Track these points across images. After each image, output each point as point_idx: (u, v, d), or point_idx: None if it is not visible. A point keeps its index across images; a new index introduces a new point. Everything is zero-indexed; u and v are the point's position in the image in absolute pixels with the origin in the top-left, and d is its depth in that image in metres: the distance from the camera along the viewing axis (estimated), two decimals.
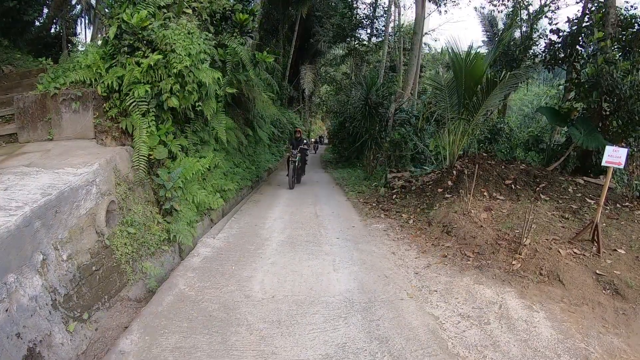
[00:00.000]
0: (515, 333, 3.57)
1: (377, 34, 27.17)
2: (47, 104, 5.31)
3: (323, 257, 5.53)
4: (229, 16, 7.27)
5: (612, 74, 7.18)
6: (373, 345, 3.34)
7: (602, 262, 4.66)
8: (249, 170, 10.86)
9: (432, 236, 6.21)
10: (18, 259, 2.96)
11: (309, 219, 7.72)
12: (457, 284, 4.57)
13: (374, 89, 14.98)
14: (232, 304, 4.05)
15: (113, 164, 4.68)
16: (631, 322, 3.75)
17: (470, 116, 8.48)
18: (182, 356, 3.12)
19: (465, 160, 8.78)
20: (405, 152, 12.80)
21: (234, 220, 7.47)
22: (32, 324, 2.90)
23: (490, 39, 23.55)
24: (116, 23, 5.35)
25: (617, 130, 7.81)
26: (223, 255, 5.48)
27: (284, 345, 3.32)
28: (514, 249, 5.08)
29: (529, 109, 34.17)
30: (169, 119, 5.74)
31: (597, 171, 8.58)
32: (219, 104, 7.02)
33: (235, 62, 7.27)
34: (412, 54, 15.86)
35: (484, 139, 12.20)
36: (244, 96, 9.54)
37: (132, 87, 5.19)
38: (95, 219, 4.06)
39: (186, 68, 5.31)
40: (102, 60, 5.56)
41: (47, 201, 3.40)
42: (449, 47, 8.49)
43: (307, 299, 4.21)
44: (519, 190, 7.21)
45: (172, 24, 5.60)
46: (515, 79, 8.75)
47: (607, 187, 5.05)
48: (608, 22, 8.29)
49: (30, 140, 5.34)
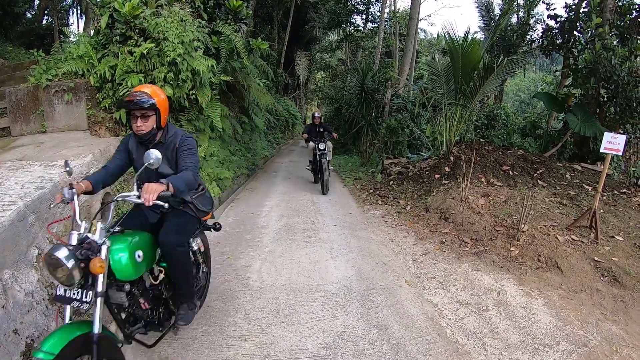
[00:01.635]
0: (514, 320, 3.59)
1: (372, 19, 26.95)
2: (39, 96, 5.25)
3: (320, 245, 5.52)
4: (223, 3, 7.16)
5: (609, 61, 7.13)
6: (372, 333, 3.35)
7: (600, 249, 4.67)
8: (245, 158, 10.79)
9: (429, 223, 6.21)
10: (13, 255, 2.93)
11: (306, 207, 7.70)
12: (456, 271, 4.58)
13: (370, 74, 14.84)
14: (230, 293, 4.05)
15: (107, 155, 4.63)
16: (629, 309, 3.77)
17: (467, 102, 8.43)
18: (180, 347, 3.11)
19: (462, 146, 8.75)
20: (401, 139, 12.74)
21: (231, 208, 7.44)
22: (29, 320, 2.88)
23: (486, 24, 23.41)
24: (107, 12, 5.26)
25: (615, 116, 7.79)
26: (220, 245, 5.46)
27: (282, 334, 3.32)
28: (512, 235, 5.09)
29: (526, 94, 34.23)
30: None
31: (594, 158, 8.59)
32: (214, 92, 6.93)
33: (229, 49, 7.18)
34: (408, 39, 15.68)
35: (480, 125, 12.16)
36: (239, 84, 9.43)
37: (125, 76, 5.12)
38: (91, 211, 4.03)
39: (179, 56, 5.24)
40: (94, 50, 5.48)
41: (41, 195, 3.36)
42: (446, 33, 8.40)
43: (305, 288, 4.20)
44: (516, 176, 7.21)
45: (165, 11, 5.50)
46: (512, 65, 8.69)
47: (605, 174, 5.04)
48: (606, 8, 8.21)
49: (23, 133, 5.28)
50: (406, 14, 23.37)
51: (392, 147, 12.67)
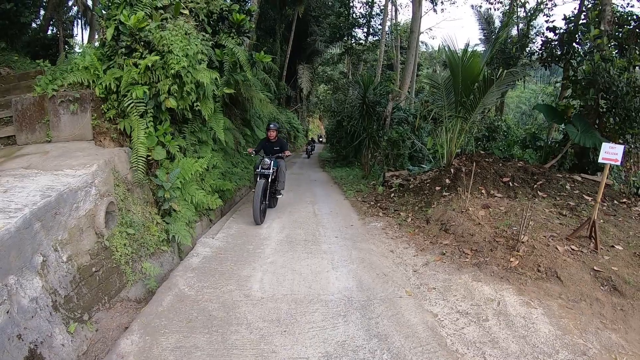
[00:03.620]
0: (514, 329, 3.60)
1: (373, 32, 27.25)
2: (45, 105, 5.31)
3: (322, 256, 5.55)
4: (226, 17, 7.26)
5: (608, 71, 7.22)
6: (372, 343, 3.37)
7: (599, 259, 4.69)
8: (247, 170, 10.86)
9: (430, 234, 6.23)
10: (18, 261, 2.96)
11: (308, 218, 7.74)
12: (456, 282, 4.59)
13: (371, 87, 14.97)
14: (232, 303, 4.07)
15: (112, 165, 4.69)
16: (629, 318, 3.78)
17: (467, 114, 8.50)
18: (182, 356, 3.13)
19: (463, 158, 8.81)
20: (403, 151, 12.83)
21: (233, 220, 7.48)
22: (33, 326, 2.91)
23: (487, 37, 23.69)
24: (113, 24, 5.34)
25: (614, 127, 7.85)
26: (222, 255, 5.50)
27: (283, 343, 3.34)
28: (512, 246, 5.11)
29: (526, 106, 34.34)
30: (167, 120, 5.75)
31: (594, 168, 8.62)
32: (217, 104, 7.02)
33: (232, 62, 7.28)
34: (409, 52, 15.86)
35: (481, 137, 12.23)
36: (242, 96, 9.54)
37: (130, 88, 5.19)
38: (95, 220, 4.07)
39: (184, 69, 5.32)
40: (99, 61, 5.56)
41: (47, 203, 3.40)
42: (446, 46, 8.50)
43: (307, 298, 4.23)
44: (517, 187, 7.25)
45: (169, 24, 5.59)
46: (512, 77, 8.77)
47: (604, 184, 5.07)
48: (604, 19, 8.33)
49: (28, 142, 5.34)
50: (407, 27, 23.66)
51: (394, 160, 12.75)
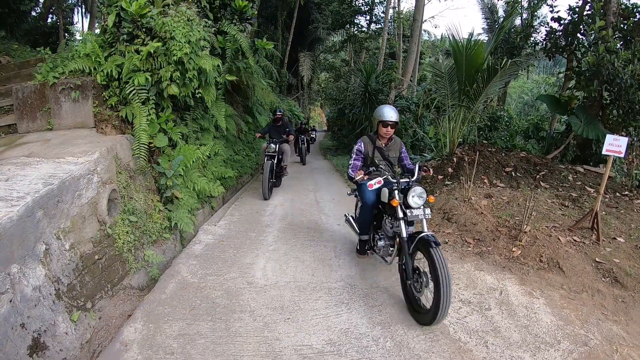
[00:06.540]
0: (516, 319, 3.61)
1: (376, 20, 26.96)
2: (46, 93, 5.27)
3: (324, 244, 5.56)
4: (228, 3, 7.17)
5: (613, 63, 7.14)
6: (376, 331, 3.38)
7: (601, 250, 4.69)
8: (249, 157, 10.83)
9: (432, 223, 6.22)
10: (21, 250, 2.96)
11: (310, 206, 7.74)
12: (458, 270, 4.60)
13: (374, 76, 14.89)
14: (235, 290, 4.09)
15: (114, 153, 4.67)
16: (630, 310, 3.79)
17: (470, 103, 8.45)
18: (186, 343, 3.15)
19: (465, 148, 8.77)
20: (405, 140, 12.78)
21: (235, 207, 7.48)
22: (36, 314, 2.92)
23: (490, 26, 23.43)
24: (115, 11, 5.28)
25: (617, 119, 7.79)
26: (225, 243, 5.51)
27: (287, 331, 3.36)
28: (514, 236, 5.11)
29: (529, 96, 34.13)
30: (169, 107, 5.71)
31: (596, 160, 8.59)
32: (219, 91, 6.97)
33: (234, 49, 7.20)
34: (411, 40, 15.70)
35: (483, 127, 12.19)
36: (243, 83, 9.46)
37: (132, 75, 5.15)
38: (97, 207, 4.06)
39: (186, 55, 5.26)
40: (100, 48, 5.51)
41: (49, 191, 3.39)
42: (449, 35, 8.42)
43: (310, 285, 4.24)
44: (519, 178, 7.23)
45: (172, 11, 5.53)
46: (515, 67, 8.72)
47: (607, 176, 5.06)
48: (609, 10, 8.22)
49: (29, 130, 5.31)
50: (410, 15, 23.40)
51: None
